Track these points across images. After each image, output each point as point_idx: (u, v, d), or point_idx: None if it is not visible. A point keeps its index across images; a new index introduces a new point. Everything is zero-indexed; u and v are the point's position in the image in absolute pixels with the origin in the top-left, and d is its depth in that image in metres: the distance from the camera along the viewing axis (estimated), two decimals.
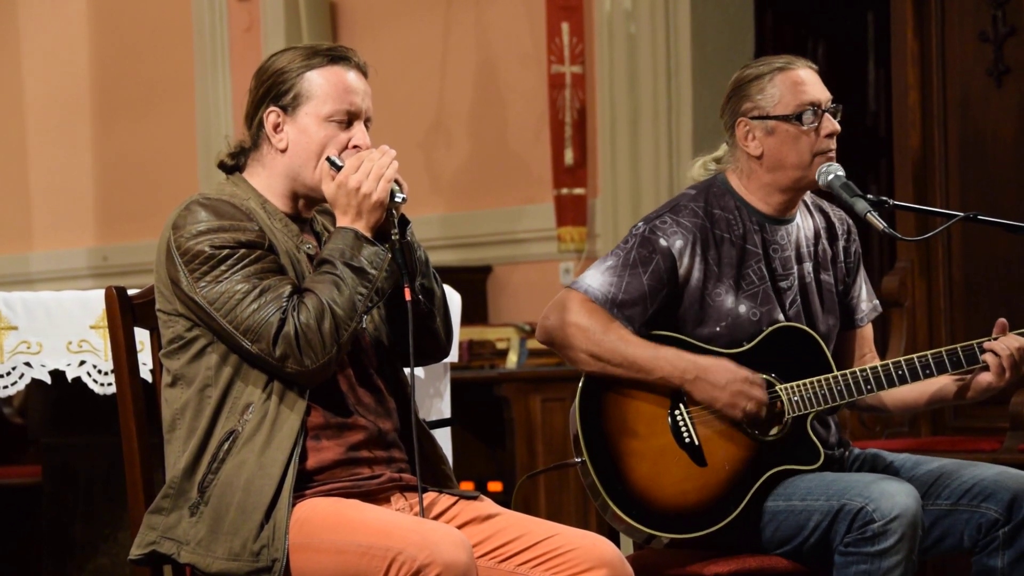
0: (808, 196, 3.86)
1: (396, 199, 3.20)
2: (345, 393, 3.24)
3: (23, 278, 9.31)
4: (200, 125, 8.60)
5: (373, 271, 3.16)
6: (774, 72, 3.72)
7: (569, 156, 7.11)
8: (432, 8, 7.70)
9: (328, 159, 3.23)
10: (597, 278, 3.69)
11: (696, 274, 3.69)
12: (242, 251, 3.14)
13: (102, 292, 3.41)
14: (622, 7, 6.99)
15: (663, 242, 3.68)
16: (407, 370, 3.30)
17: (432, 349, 3.40)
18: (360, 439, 3.22)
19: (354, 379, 3.26)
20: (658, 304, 3.68)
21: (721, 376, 3.62)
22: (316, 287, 3.13)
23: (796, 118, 3.69)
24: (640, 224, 3.74)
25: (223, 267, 3.12)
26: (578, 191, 7.14)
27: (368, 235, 3.17)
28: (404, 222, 3.25)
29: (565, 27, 7.12)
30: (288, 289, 3.13)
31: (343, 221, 3.19)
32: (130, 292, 3.37)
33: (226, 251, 3.13)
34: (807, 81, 3.71)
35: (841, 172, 3.69)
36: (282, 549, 3.06)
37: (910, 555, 3.49)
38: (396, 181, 3.20)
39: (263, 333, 3.09)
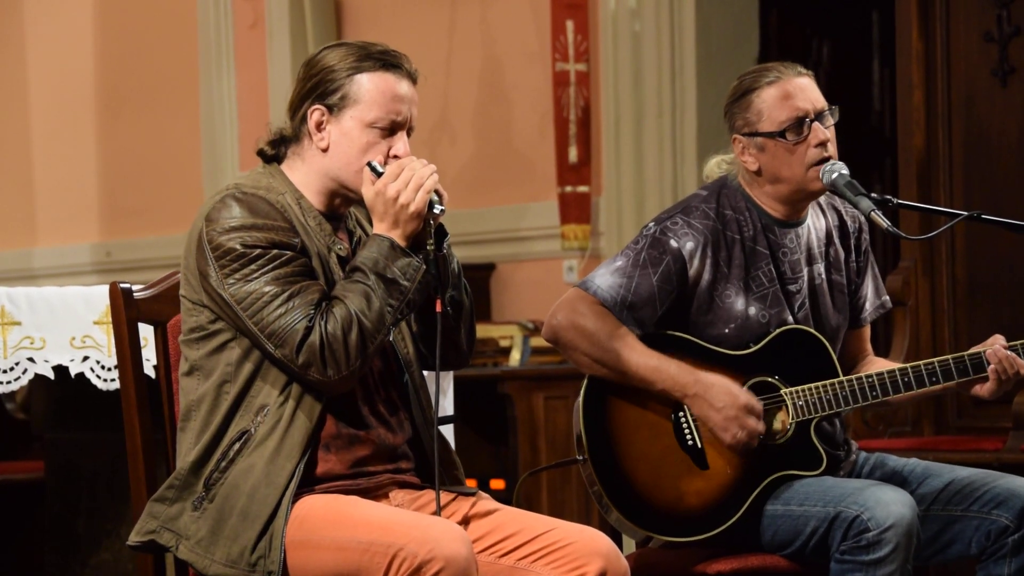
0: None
1: (435, 210, 3.17)
2: (360, 404, 3.22)
3: (27, 273, 9.32)
4: (204, 122, 8.60)
5: (406, 283, 3.13)
6: (761, 87, 3.66)
7: (573, 154, 7.11)
8: (437, 5, 7.69)
9: (369, 164, 3.20)
10: (607, 279, 3.66)
11: (706, 276, 3.67)
12: (273, 251, 3.11)
13: (106, 288, 3.41)
14: (627, 5, 6.99)
15: (674, 243, 3.66)
16: (430, 384, 3.28)
17: (453, 359, 3.37)
18: (369, 453, 3.22)
19: (372, 389, 3.24)
20: (668, 305, 3.67)
21: (720, 398, 3.60)
22: (346, 297, 3.10)
23: (780, 135, 3.65)
24: (651, 224, 3.71)
25: (253, 266, 3.10)
26: (582, 189, 7.13)
27: (403, 244, 3.15)
28: (442, 233, 3.22)
29: (570, 25, 7.12)
30: (317, 296, 3.10)
31: (379, 228, 3.16)
32: (134, 288, 3.37)
33: (258, 250, 3.10)
34: (793, 93, 3.65)
35: (845, 171, 3.65)
36: (278, 561, 3.06)
37: (904, 564, 3.48)
38: (436, 192, 3.18)
39: (288, 339, 3.07)
